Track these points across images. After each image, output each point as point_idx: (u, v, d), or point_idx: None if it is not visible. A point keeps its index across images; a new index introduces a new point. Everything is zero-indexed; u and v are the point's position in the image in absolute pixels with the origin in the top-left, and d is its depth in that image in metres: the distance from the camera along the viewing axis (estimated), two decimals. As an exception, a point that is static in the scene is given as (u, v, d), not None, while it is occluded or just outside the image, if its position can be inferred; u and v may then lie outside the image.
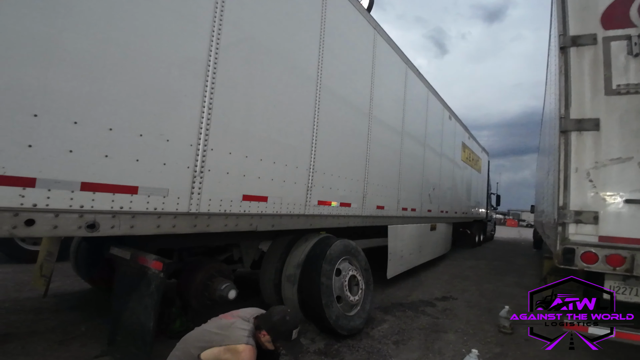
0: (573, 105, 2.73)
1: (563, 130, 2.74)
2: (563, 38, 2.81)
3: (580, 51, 2.77)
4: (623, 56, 2.63)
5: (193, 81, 2.33)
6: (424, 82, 6.59)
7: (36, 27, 1.62)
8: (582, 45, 2.76)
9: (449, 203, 8.57)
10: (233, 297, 2.92)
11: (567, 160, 2.71)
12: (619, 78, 2.62)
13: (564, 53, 2.81)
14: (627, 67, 2.61)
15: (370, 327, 3.77)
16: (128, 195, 2.01)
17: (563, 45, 2.81)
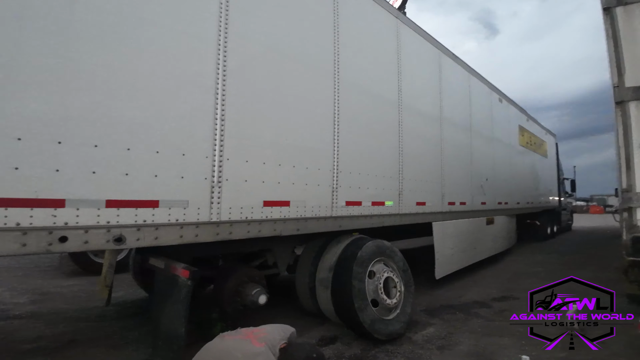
0: (628, 72, 2.27)
1: (618, 101, 2.29)
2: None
3: (628, 10, 2.29)
4: None
5: (203, 96, 2.43)
6: (464, 66, 6.09)
7: (53, 58, 1.84)
8: (630, 3, 2.29)
9: (508, 193, 7.77)
10: (263, 302, 2.98)
11: (627, 136, 2.26)
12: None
13: (609, 14, 2.35)
14: None
15: (413, 332, 3.55)
16: (150, 209, 2.16)
17: (607, 6, 2.36)
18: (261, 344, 1.84)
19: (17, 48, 1.73)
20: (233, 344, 1.88)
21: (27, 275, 5.99)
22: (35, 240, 1.76)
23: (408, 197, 4.38)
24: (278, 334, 2.00)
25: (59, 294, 4.85)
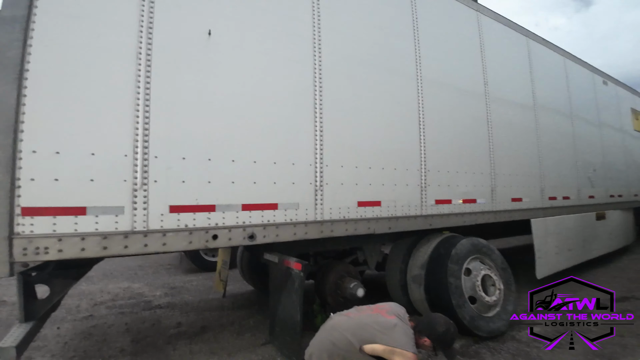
0: None
1: None
2: None
3: None
4: None
5: (305, 112, 2.82)
6: (555, 49, 5.55)
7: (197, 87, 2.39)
8: None
9: (624, 184, 6.73)
10: (362, 295, 3.23)
11: None
12: None
13: None
14: None
15: (517, 330, 3.41)
16: (271, 211, 2.60)
17: None
18: (391, 316, 1.99)
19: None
20: (365, 319, 2.02)
21: (156, 272, 7.28)
22: (197, 238, 2.30)
23: (502, 193, 4.21)
24: (401, 309, 2.15)
25: (184, 288, 5.82)
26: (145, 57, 2.20)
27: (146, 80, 2.20)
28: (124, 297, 5.31)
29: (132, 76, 2.16)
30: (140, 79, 2.18)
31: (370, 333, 1.90)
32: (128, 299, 5.21)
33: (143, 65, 2.20)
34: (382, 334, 1.87)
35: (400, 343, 1.80)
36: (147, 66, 2.21)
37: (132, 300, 5.15)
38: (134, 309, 4.70)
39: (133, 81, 2.16)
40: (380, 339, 1.86)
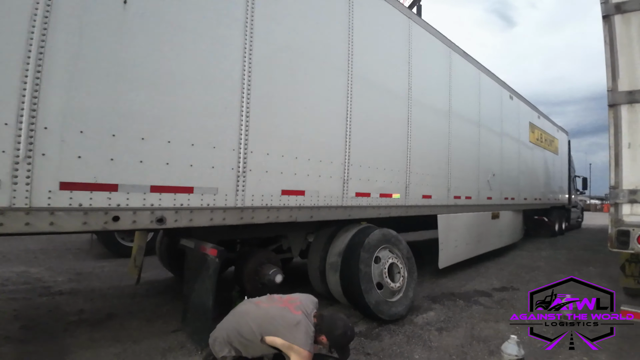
0: (622, 77, 2.46)
1: (611, 104, 2.49)
2: (605, 6, 2.54)
3: (626, 18, 2.47)
4: None
5: (230, 95, 2.74)
6: (474, 62, 6.23)
7: (108, 58, 2.16)
8: (628, 12, 2.46)
9: (516, 189, 7.91)
10: (279, 281, 3.31)
11: (617, 136, 2.46)
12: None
13: (607, 22, 2.53)
14: None
15: (415, 315, 3.85)
16: (186, 195, 2.49)
17: (606, 14, 2.53)
18: (298, 312, 2.05)
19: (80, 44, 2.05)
20: (273, 311, 2.08)
21: (61, 257, 6.49)
22: (94, 219, 2.10)
23: (415, 190, 4.63)
24: (311, 303, 2.23)
25: (92, 274, 5.31)
26: (42, 17, 1.91)
27: (41, 39, 1.91)
28: (17, 282, 4.67)
29: (24, 34, 1.87)
30: (34, 37, 1.89)
31: (274, 326, 1.97)
32: (22, 284, 4.61)
33: (39, 24, 1.90)
34: (284, 330, 1.95)
35: (299, 341, 1.90)
36: (44, 26, 1.92)
37: (26, 285, 4.56)
38: (28, 294, 4.18)
39: (24, 40, 1.87)
40: (282, 334, 1.94)
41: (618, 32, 2.53)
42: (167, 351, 2.88)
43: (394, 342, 3.15)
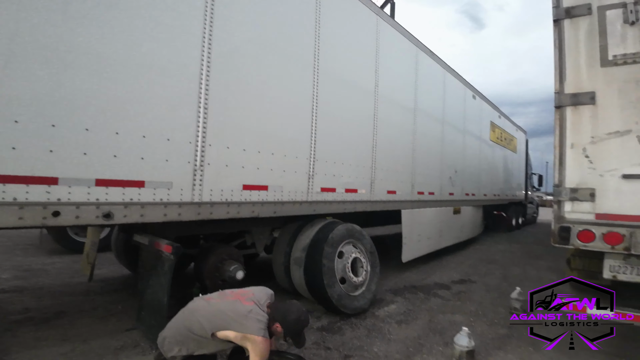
0: (568, 79, 2.62)
1: (557, 105, 2.64)
2: (556, 10, 2.68)
3: (574, 22, 2.62)
4: (619, 25, 2.45)
5: (188, 85, 2.60)
6: (440, 62, 6.40)
7: (49, 39, 1.98)
8: (577, 16, 2.61)
9: (476, 185, 8.29)
10: (241, 277, 3.25)
11: (562, 137, 2.62)
12: (616, 48, 2.46)
13: (557, 26, 2.68)
14: (624, 36, 2.43)
15: (377, 308, 3.93)
16: (136, 189, 2.35)
17: (557, 18, 2.67)
18: (249, 302, 2.02)
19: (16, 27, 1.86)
20: (223, 305, 2.01)
21: (8, 252, 5.99)
22: (31, 214, 1.93)
23: (380, 185, 4.71)
24: (264, 294, 2.19)
25: (42, 271, 4.94)
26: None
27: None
28: (-48, 279, 4.25)
29: None
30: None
31: (225, 320, 1.92)
32: (-41, 281, 4.20)
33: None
34: (235, 322, 1.90)
35: (250, 329, 1.87)
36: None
37: (-37, 283, 4.16)
38: (-36, 292, 3.82)
39: None
40: (233, 326, 1.89)
41: (567, 36, 2.68)
42: (119, 350, 2.76)
43: (354, 336, 3.19)
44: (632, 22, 2.38)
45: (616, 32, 2.46)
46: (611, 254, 2.54)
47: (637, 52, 2.38)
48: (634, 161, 2.36)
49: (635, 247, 2.33)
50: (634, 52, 2.39)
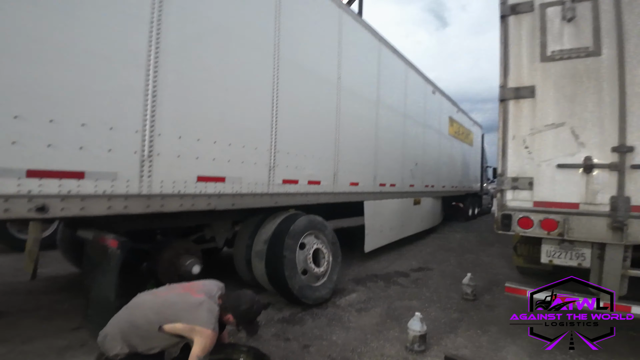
0: (511, 74, 2.78)
1: (502, 99, 2.81)
2: (503, 6, 2.82)
3: (518, 19, 2.78)
4: (558, 21, 2.64)
5: (134, 71, 2.44)
6: (402, 58, 6.55)
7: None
8: (521, 13, 2.77)
9: (436, 177, 8.66)
10: (197, 271, 3.16)
11: (505, 129, 2.79)
12: (554, 44, 2.65)
13: (503, 22, 2.83)
14: (561, 33, 2.63)
15: (338, 297, 4.00)
16: (75, 180, 2.18)
17: (503, 14, 2.82)
18: (200, 294, 1.95)
19: None
20: (172, 297, 1.94)
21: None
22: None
23: (343, 177, 4.76)
24: (215, 286, 2.14)
25: (-24, 271, 4.49)
26: None
27: None
28: None
29: None
30: None
31: (174, 312, 1.85)
32: None
33: None
34: (186, 312, 1.84)
35: (201, 321, 1.81)
36: None
37: None
38: None
39: None
40: (183, 317, 1.83)
41: (511, 32, 2.84)
42: (64, 350, 2.62)
43: (315, 325, 3.23)
44: (568, 19, 2.57)
45: (555, 29, 2.64)
46: (547, 239, 2.76)
47: (572, 48, 2.58)
48: (567, 152, 2.57)
49: (568, 232, 2.55)
50: (570, 48, 2.59)
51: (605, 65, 2.46)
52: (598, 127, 2.46)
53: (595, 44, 2.51)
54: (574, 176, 2.56)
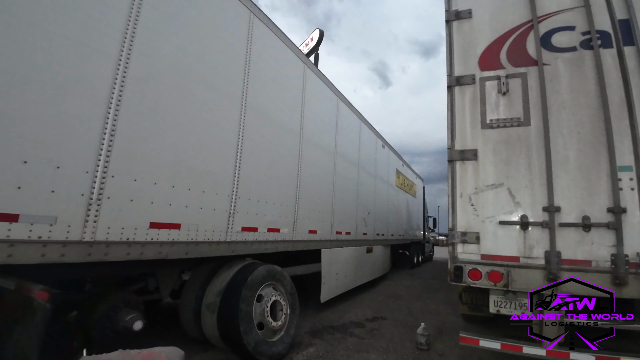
0: (457, 138, 3.18)
1: (450, 160, 3.16)
2: (449, 78, 3.30)
3: (462, 90, 3.26)
4: (495, 94, 3.16)
5: (92, 108, 2.30)
6: (356, 113, 7.10)
7: None
8: (464, 85, 3.26)
9: (385, 226, 9.03)
10: (139, 328, 2.77)
11: (453, 187, 3.11)
12: (492, 113, 3.13)
13: (450, 91, 3.29)
14: (497, 104, 3.13)
15: (295, 352, 3.75)
16: (6, 224, 1.88)
17: (449, 85, 3.29)
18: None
19: None
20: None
21: None
22: None
23: (302, 225, 4.74)
24: (176, 355, 1.90)
25: None
26: None
27: None
28: None
29: None
30: None
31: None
32: None
33: None
34: None
35: None
36: None
37: None
38: None
39: None
40: None
41: (456, 100, 3.28)
42: None
43: (270, 388, 2.95)
44: (503, 92, 3.08)
45: (492, 100, 3.14)
46: (494, 290, 2.98)
47: (506, 118, 3.06)
48: (506, 210, 2.92)
49: (512, 283, 2.80)
50: (504, 117, 3.07)
51: (533, 134, 2.95)
52: (530, 189, 2.87)
53: (525, 115, 3.02)
54: (513, 232, 2.89)
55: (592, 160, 2.80)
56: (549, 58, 3.11)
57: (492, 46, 3.31)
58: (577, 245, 2.73)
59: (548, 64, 3.10)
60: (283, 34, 4.51)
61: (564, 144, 2.88)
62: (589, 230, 2.73)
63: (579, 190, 2.78)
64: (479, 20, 3.38)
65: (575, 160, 2.83)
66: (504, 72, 3.21)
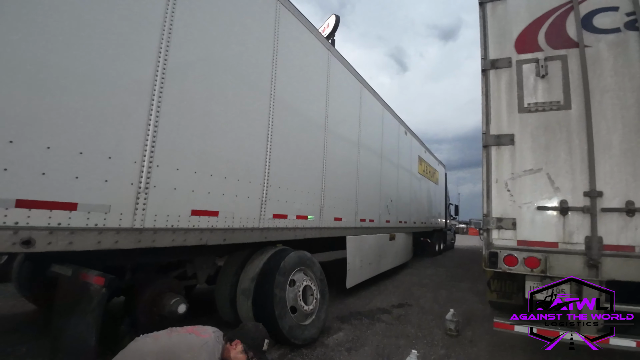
0: (492, 122, 3.10)
1: (485, 145, 3.10)
2: (484, 62, 3.21)
3: (498, 73, 3.17)
4: (532, 77, 3.05)
5: (138, 101, 2.40)
6: (379, 100, 7.01)
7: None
8: (500, 68, 3.17)
9: (408, 213, 8.98)
10: (183, 311, 2.93)
11: (488, 172, 3.06)
12: (529, 97, 3.03)
13: (484, 75, 3.20)
14: (535, 88, 3.03)
15: (326, 336, 3.87)
16: (66, 212, 2.01)
17: (484, 68, 3.20)
18: (205, 335, 1.84)
19: None
20: (175, 339, 1.81)
21: None
22: None
23: (328, 212, 4.80)
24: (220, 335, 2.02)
25: None
26: None
27: None
28: None
29: None
30: None
31: (176, 355, 1.70)
32: None
33: None
34: (188, 354, 1.70)
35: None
36: None
37: None
38: None
39: None
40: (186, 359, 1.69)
41: (491, 84, 3.20)
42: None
43: (306, 369, 3.08)
44: (542, 75, 2.98)
45: (530, 84, 3.04)
46: (531, 276, 2.95)
47: (545, 101, 2.97)
48: (544, 195, 2.86)
49: (550, 269, 2.76)
50: (543, 101, 2.97)
51: (574, 118, 2.85)
52: (570, 174, 2.79)
53: (565, 99, 2.92)
54: (552, 218, 2.83)
55: (637, 144, 2.68)
56: (591, 40, 2.97)
57: (530, 28, 3.18)
58: (620, 230, 2.65)
59: (589, 45, 2.95)
60: (308, 22, 4.48)
61: (607, 128, 2.77)
62: (632, 215, 2.64)
63: (624, 175, 2.68)
64: (514, 2, 3.25)
65: (619, 144, 2.72)
66: (543, 54, 3.09)
